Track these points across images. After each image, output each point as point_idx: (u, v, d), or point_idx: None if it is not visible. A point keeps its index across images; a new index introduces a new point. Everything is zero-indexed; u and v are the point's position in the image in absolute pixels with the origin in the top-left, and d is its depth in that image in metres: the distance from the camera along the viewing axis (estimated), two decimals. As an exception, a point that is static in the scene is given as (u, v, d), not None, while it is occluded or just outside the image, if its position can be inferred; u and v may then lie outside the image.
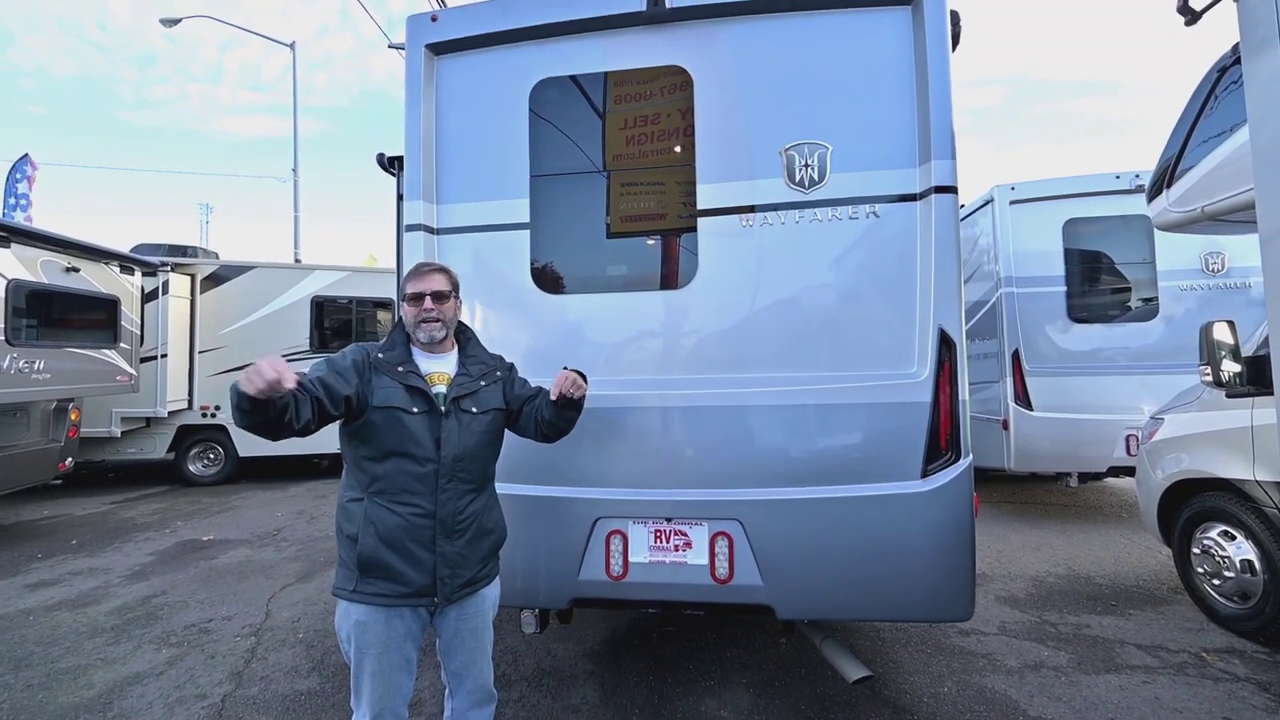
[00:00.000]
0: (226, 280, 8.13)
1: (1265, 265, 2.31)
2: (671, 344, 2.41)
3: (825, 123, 2.31)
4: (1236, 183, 2.91)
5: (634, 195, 2.50)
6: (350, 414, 1.68)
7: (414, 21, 2.58)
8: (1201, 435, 3.38)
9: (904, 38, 2.27)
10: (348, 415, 1.68)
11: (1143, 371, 5.17)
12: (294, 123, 13.09)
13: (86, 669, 3.10)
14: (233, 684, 2.93)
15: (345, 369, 1.68)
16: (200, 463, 8.12)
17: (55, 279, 5.78)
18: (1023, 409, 5.32)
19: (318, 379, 1.61)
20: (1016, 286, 5.45)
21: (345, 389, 1.63)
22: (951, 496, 2.16)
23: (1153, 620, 3.45)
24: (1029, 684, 2.78)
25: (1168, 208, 3.57)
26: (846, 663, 2.34)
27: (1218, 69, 3.18)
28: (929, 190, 2.21)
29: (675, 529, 2.31)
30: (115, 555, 5.05)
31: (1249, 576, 3.15)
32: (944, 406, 2.18)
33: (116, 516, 6.43)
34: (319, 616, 3.70)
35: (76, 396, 6.17)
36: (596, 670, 2.94)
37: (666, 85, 2.45)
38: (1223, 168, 3.09)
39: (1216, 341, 3.05)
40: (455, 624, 1.79)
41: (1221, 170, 3.09)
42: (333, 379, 1.63)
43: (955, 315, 2.20)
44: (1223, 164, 3.09)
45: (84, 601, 4.03)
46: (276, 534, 5.67)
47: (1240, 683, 2.77)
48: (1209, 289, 5.25)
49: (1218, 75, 3.19)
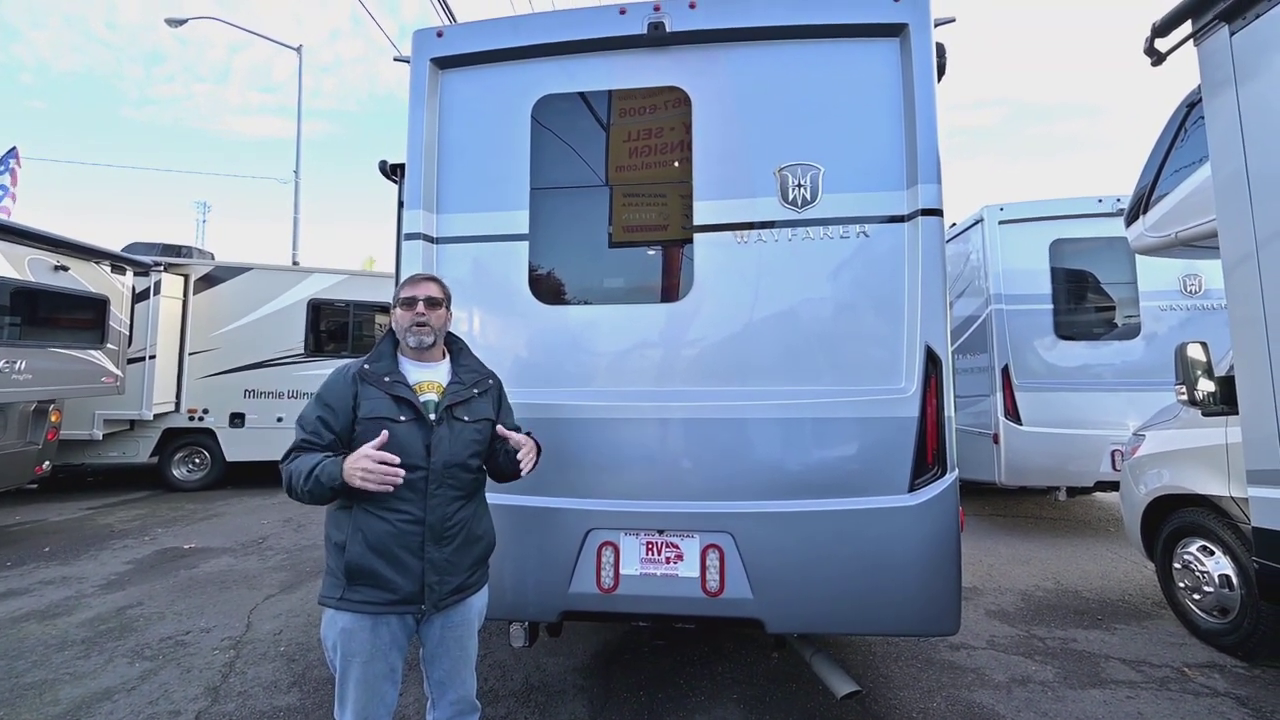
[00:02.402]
0: (221, 281, 8.03)
1: (1229, 292, 2.42)
2: (665, 357, 2.44)
3: (818, 145, 2.39)
4: (1205, 211, 3.04)
5: (636, 206, 2.55)
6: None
7: (420, 36, 2.63)
8: (1180, 452, 3.46)
9: (892, 67, 2.37)
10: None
11: (1127, 388, 5.30)
12: (298, 125, 13.20)
13: (53, 684, 3.00)
14: (209, 699, 2.85)
15: (323, 421, 1.73)
16: (185, 467, 7.97)
17: (43, 277, 5.69)
18: (1012, 423, 5.41)
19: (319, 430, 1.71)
20: (1006, 304, 5.57)
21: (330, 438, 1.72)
22: (938, 510, 2.20)
23: (1137, 635, 3.49)
24: (1016, 699, 2.80)
25: (1144, 232, 3.71)
26: (836, 678, 2.35)
27: (1187, 104, 3.34)
28: (916, 213, 2.28)
29: (667, 541, 2.32)
30: (90, 563, 4.93)
31: (1227, 591, 3.21)
32: (930, 421, 2.22)
33: (93, 523, 6.28)
34: (302, 629, 3.63)
35: (58, 398, 6.05)
36: (586, 685, 2.92)
37: (669, 100, 2.52)
38: (1193, 196, 3.23)
39: (1191, 361, 3.13)
40: (440, 631, 1.79)
41: (1192, 199, 3.23)
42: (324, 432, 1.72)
43: (941, 333, 2.25)
44: (1193, 193, 3.23)
45: (54, 612, 3.91)
46: (261, 542, 5.58)
47: (1220, 697, 2.82)
48: (1187, 309, 5.41)
49: (1187, 109, 3.34)
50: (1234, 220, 2.36)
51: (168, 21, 12.64)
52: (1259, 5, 2.21)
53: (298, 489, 1.62)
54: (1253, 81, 2.26)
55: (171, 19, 12.66)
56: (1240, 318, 2.36)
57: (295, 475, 1.63)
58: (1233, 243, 2.38)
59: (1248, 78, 2.27)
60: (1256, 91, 2.25)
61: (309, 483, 1.59)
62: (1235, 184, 2.33)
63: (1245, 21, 2.26)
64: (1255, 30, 2.24)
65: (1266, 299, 2.22)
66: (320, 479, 1.58)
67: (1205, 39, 2.42)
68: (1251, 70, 2.26)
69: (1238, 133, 2.31)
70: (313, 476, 1.59)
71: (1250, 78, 2.27)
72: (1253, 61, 2.25)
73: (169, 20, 12.61)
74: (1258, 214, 2.24)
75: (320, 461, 1.61)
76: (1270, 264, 2.21)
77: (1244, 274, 2.31)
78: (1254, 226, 2.25)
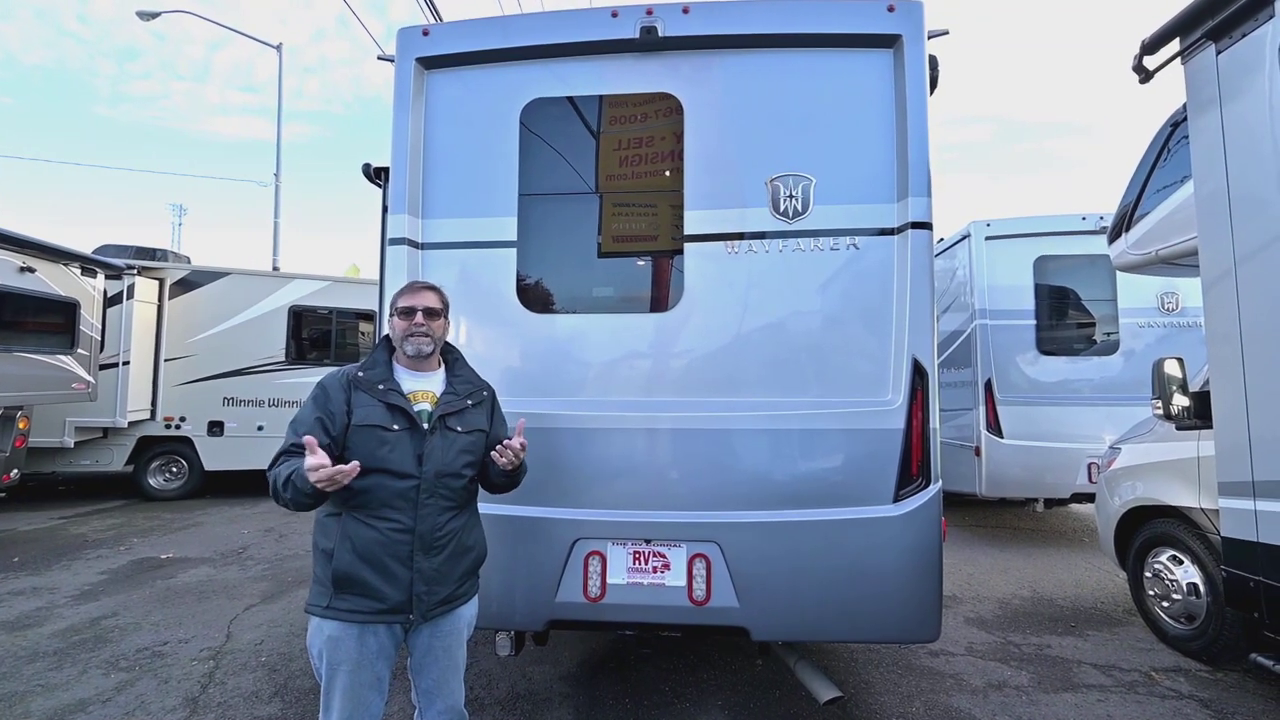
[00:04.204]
0: (198, 286, 7.87)
1: (1206, 309, 2.48)
2: (654, 367, 2.44)
3: (810, 156, 2.39)
4: (1186, 230, 3.10)
5: (626, 216, 2.55)
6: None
7: (405, 34, 2.57)
8: (1154, 465, 3.55)
9: (885, 79, 2.38)
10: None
11: (1105, 403, 5.42)
12: (278, 126, 12.81)
13: (24, 696, 2.92)
14: (187, 710, 2.79)
15: (321, 423, 1.70)
16: (161, 476, 7.78)
17: (7, 279, 5.54)
18: (994, 436, 5.52)
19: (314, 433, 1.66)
20: (990, 319, 5.68)
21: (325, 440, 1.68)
22: (922, 521, 2.23)
23: (1108, 641, 3.59)
24: (992, 703, 2.86)
25: (1126, 250, 3.80)
26: (819, 683, 2.38)
27: (1171, 123, 3.41)
28: (906, 226, 2.31)
29: (654, 550, 2.33)
30: (62, 574, 4.79)
31: (1194, 599, 3.31)
32: (916, 433, 2.25)
33: (66, 532, 6.10)
34: (283, 639, 3.57)
35: (26, 404, 5.89)
36: (571, 693, 2.91)
37: (660, 109, 2.51)
38: (1174, 216, 3.30)
39: (1167, 377, 3.21)
40: (428, 640, 1.78)
41: (1173, 218, 3.30)
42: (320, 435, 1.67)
43: (928, 345, 2.28)
44: (1174, 212, 3.30)
45: (24, 623, 3.80)
46: (241, 552, 5.47)
47: (1184, 700, 2.91)
48: (1165, 326, 5.56)
49: (1171, 129, 3.41)
50: (1214, 237, 2.39)
51: (139, 14, 11.83)
52: (1244, 25, 2.24)
53: (281, 495, 1.61)
54: (1237, 101, 2.29)
55: (144, 12, 11.81)
56: (1217, 333, 2.40)
57: (278, 480, 1.62)
58: (1212, 260, 2.41)
59: (1232, 97, 2.30)
60: (1240, 111, 2.27)
61: (288, 489, 1.58)
62: (1216, 201, 2.36)
63: (1231, 41, 2.30)
64: (1240, 50, 2.27)
65: (1243, 315, 2.26)
66: (295, 483, 1.56)
67: (1192, 57, 2.46)
68: (1236, 89, 2.29)
69: (1220, 151, 2.33)
70: (290, 483, 1.57)
71: (1235, 97, 2.30)
72: (1237, 81, 2.29)
73: (141, 13, 11.82)
74: (1237, 232, 2.28)
75: (296, 466, 1.59)
76: (1248, 281, 2.25)
77: (1222, 290, 2.36)
78: (1233, 244, 2.29)
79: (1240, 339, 2.28)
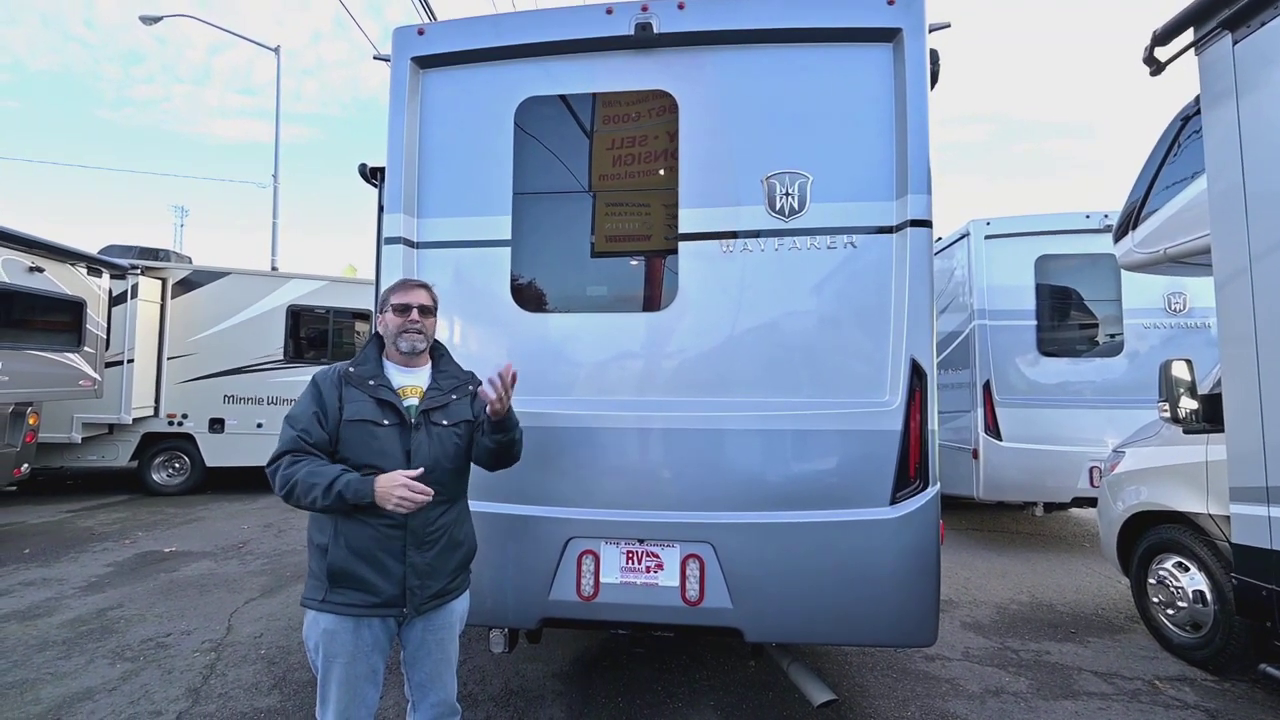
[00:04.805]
0: (199, 286, 7.97)
1: (1219, 308, 2.41)
2: (649, 366, 2.43)
3: (806, 153, 2.36)
4: (1196, 228, 3.02)
5: (619, 215, 2.53)
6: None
7: (400, 34, 2.58)
8: (1160, 469, 3.49)
9: (885, 74, 2.33)
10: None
11: (1107, 405, 5.33)
12: (276, 128, 12.91)
13: (34, 684, 2.98)
14: (190, 700, 2.84)
15: (317, 417, 1.73)
16: (165, 472, 7.88)
17: (17, 278, 5.62)
18: (992, 439, 5.45)
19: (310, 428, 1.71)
20: (989, 319, 5.60)
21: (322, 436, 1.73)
22: (919, 523, 2.20)
23: (1110, 648, 3.53)
24: (989, 709, 2.83)
25: (1132, 249, 3.72)
26: (813, 686, 2.36)
27: (1181, 118, 3.30)
28: (905, 224, 2.27)
29: (647, 550, 2.31)
30: (70, 565, 4.87)
31: (1200, 607, 3.25)
32: (914, 435, 2.22)
33: (73, 525, 6.19)
34: (282, 632, 3.60)
35: (35, 400, 5.98)
36: (564, 691, 2.91)
37: (654, 108, 2.48)
38: (1184, 213, 3.20)
39: (1175, 379, 3.15)
40: (421, 634, 1.80)
41: (1183, 215, 3.21)
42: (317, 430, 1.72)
43: (927, 346, 2.25)
44: (1184, 209, 3.20)
45: (34, 613, 3.88)
46: (242, 546, 5.52)
47: (1190, 710, 2.85)
48: (1171, 328, 5.44)
49: (1181, 124, 3.31)
50: (1228, 235, 2.29)
51: (142, 19, 12.09)
52: (1263, 14, 2.13)
53: (303, 499, 1.59)
54: (1254, 93, 2.19)
55: (146, 16, 12.08)
56: (1230, 334, 2.33)
57: (303, 486, 1.59)
58: (1225, 258, 2.32)
59: (1249, 89, 2.20)
60: (1257, 103, 2.17)
61: (328, 497, 1.57)
62: (1231, 197, 2.26)
63: (1249, 30, 2.19)
64: (1259, 40, 2.16)
65: (1258, 315, 2.18)
66: (345, 495, 1.57)
67: (1207, 48, 2.36)
68: (1253, 81, 2.19)
69: (1236, 145, 2.23)
70: (333, 492, 1.57)
71: (1252, 89, 2.19)
72: (1255, 72, 2.18)
73: (144, 18, 12.08)
74: (1253, 229, 2.19)
75: (340, 476, 1.59)
76: (1263, 280, 2.16)
77: (1236, 289, 2.27)
78: (1248, 241, 2.21)
79: (1255, 340, 2.20)
